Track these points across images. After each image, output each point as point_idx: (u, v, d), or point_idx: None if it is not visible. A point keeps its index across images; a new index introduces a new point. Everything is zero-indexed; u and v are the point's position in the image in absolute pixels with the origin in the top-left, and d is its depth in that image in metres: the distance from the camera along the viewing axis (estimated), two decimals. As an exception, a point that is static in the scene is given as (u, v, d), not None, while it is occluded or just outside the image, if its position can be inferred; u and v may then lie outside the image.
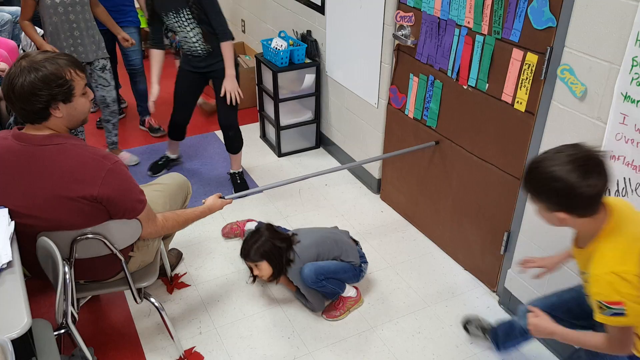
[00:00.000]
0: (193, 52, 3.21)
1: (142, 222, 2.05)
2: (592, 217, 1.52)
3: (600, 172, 1.45)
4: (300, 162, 4.01)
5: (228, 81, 3.17)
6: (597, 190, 1.46)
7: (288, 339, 2.56)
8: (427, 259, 3.07)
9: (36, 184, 1.85)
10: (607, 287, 1.46)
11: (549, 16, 2.10)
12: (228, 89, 3.18)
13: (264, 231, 2.59)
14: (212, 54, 3.19)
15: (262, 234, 2.57)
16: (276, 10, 4.31)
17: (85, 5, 3.32)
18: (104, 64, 3.51)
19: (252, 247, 2.54)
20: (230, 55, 3.14)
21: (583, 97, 2.03)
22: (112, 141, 3.87)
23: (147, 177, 3.75)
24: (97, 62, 3.48)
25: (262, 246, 2.53)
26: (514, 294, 2.63)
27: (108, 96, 3.62)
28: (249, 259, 2.58)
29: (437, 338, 2.57)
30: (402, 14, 2.89)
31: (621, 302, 1.43)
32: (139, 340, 2.54)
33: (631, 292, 1.44)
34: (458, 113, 2.74)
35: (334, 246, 2.65)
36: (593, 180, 1.43)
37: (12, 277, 1.63)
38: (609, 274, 1.46)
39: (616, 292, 1.45)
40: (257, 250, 2.53)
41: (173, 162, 3.92)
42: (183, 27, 3.08)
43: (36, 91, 1.79)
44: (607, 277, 1.46)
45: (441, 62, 2.74)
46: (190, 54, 3.25)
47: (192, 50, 3.20)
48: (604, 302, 1.47)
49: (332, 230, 2.83)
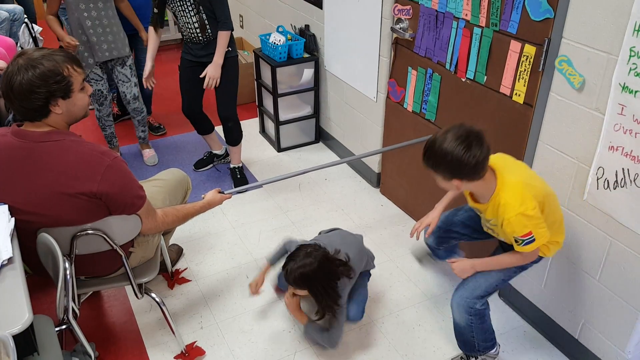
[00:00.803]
0: (193, 39, 3.20)
1: (142, 218, 2.05)
2: (482, 179, 1.88)
3: (480, 144, 1.81)
4: (299, 156, 4.02)
5: (212, 67, 3.16)
6: (479, 158, 1.81)
7: (289, 332, 2.57)
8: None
9: (36, 181, 1.86)
10: (518, 225, 1.89)
11: (547, 7, 2.10)
12: (209, 74, 3.16)
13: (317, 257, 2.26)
14: (213, 42, 3.18)
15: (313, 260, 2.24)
16: (274, 5, 4.30)
17: (108, 2, 3.34)
18: (124, 59, 3.52)
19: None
20: (223, 44, 3.13)
21: (581, 88, 2.03)
22: (139, 136, 3.93)
23: (146, 172, 3.76)
24: (117, 58, 3.49)
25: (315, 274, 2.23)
26: (514, 286, 2.63)
27: (128, 92, 3.62)
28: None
29: (438, 331, 2.58)
30: (400, 7, 2.89)
31: (530, 233, 1.89)
32: (140, 336, 2.55)
33: (534, 222, 1.89)
34: (457, 106, 2.74)
35: (363, 257, 2.49)
36: (475, 151, 1.79)
37: (13, 274, 1.63)
38: (516, 216, 1.87)
39: (524, 227, 1.89)
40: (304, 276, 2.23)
41: (219, 158, 3.88)
42: (186, 12, 3.08)
43: (34, 89, 1.79)
44: (515, 218, 1.87)
45: (439, 55, 2.74)
46: (190, 41, 3.24)
47: (192, 37, 3.19)
48: (518, 237, 1.92)
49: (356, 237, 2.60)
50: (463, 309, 2.14)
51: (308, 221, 3.32)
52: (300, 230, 3.24)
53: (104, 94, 3.59)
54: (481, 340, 2.24)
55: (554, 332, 2.47)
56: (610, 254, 2.09)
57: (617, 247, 2.05)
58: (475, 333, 2.21)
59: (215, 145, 3.82)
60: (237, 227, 3.27)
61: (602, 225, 2.10)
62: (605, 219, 2.07)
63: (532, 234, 1.89)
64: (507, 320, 2.63)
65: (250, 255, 3.05)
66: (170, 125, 4.40)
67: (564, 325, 2.40)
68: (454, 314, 2.21)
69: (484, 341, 2.25)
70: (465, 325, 2.19)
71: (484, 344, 2.26)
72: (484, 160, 1.82)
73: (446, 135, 1.82)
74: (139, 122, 3.83)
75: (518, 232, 1.91)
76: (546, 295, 2.46)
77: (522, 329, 2.59)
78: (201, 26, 3.12)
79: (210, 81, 3.17)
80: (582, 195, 2.14)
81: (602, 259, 2.13)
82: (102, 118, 3.69)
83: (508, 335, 2.55)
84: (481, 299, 2.12)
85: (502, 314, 2.66)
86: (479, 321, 2.17)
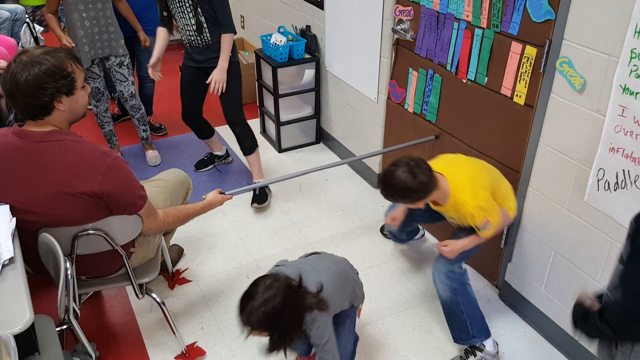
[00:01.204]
0: (191, 42, 3.18)
1: (143, 218, 2.05)
2: (437, 187, 2.14)
3: (421, 168, 2.10)
4: (300, 157, 4.02)
5: (218, 71, 3.10)
6: (426, 180, 2.10)
7: (289, 333, 2.57)
8: (428, 252, 3.08)
9: (37, 180, 1.86)
10: (477, 217, 2.17)
11: (548, 9, 2.10)
12: (215, 78, 3.10)
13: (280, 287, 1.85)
14: (211, 47, 3.15)
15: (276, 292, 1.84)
16: (275, 6, 4.31)
17: (107, 3, 3.35)
18: (121, 60, 3.53)
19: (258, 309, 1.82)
20: (227, 47, 3.10)
21: (582, 89, 2.03)
22: (141, 137, 3.93)
23: (147, 172, 3.76)
24: (115, 57, 3.51)
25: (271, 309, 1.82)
26: (514, 287, 2.63)
27: (125, 90, 3.64)
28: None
29: (438, 332, 2.58)
30: (401, 8, 2.89)
31: (487, 220, 2.18)
32: (140, 336, 2.56)
33: (489, 210, 2.18)
34: (457, 107, 2.74)
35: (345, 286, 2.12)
36: (421, 176, 2.08)
37: (14, 273, 1.64)
38: (473, 209, 2.16)
39: (482, 217, 2.17)
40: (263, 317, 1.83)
41: (220, 159, 3.87)
42: (184, 14, 3.06)
43: (42, 84, 1.79)
44: (473, 211, 2.16)
45: (440, 56, 2.74)
46: (189, 45, 3.22)
47: (191, 40, 3.17)
48: (479, 225, 2.20)
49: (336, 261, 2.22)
50: (443, 275, 2.32)
51: (308, 222, 3.32)
52: (301, 230, 3.24)
53: (101, 91, 3.62)
54: (472, 320, 2.33)
55: (555, 334, 2.47)
56: (611, 256, 2.09)
57: (617, 249, 2.05)
58: (464, 306, 2.32)
59: (215, 146, 3.81)
60: (237, 228, 3.27)
61: (602, 226, 2.10)
62: (606, 220, 2.07)
63: (488, 220, 2.19)
64: (508, 321, 2.63)
65: (251, 256, 3.05)
66: (171, 126, 4.40)
67: (565, 326, 2.40)
68: (438, 288, 2.36)
69: (476, 322, 2.34)
70: (450, 296, 2.32)
71: (477, 325, 2.34)
72: (430, 178, 2.11)
73: (393, 174, 2.10)
74: (139, 120, 3.83)
75: (477, 222, 2.19)
76: (547, 296, 2.46)
77: (522, 331, 2.59)
78: (198, 29, 3.09)
79: (216, 85, 3.11)
80: (582, 197, 2.14)
81: (602, 260, 2.13)
82: (100, 114, 3.70)
83: (508, 337, 2.55)
84: (457, 263, 2.35)
85: (502, 316, 2.66)
86: (461, 287, 2.32)
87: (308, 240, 3.17)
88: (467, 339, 2.38)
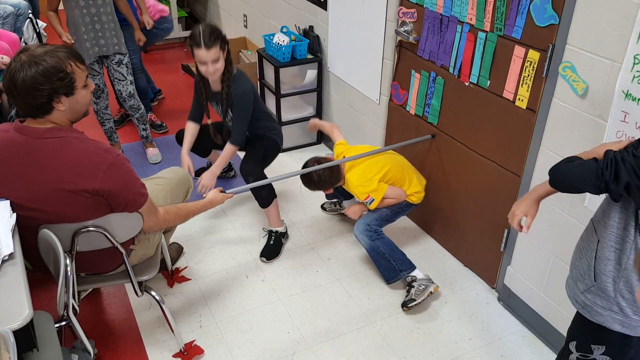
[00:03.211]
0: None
1: (144, 216, 2.05)
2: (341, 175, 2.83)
3: (334, 168, 2.77)
4: (301, 157, 4.01)
5: (208, 175, 2.95)
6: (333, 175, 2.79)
7: (288, 333, 2.57)
8: (427, 254, 3.08)
9: (38, 177, 1.86)
10: (360, 194, 2.75)
11: (551, 13, 2.10)
12: (203, 182, 2.93)
13: None
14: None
15: None
16: (278, 6, 4.31)
17: None
18: (120, 58, 3.53)
19: None
20: (227, 158, 3.00)
21: (584, 94, 2.03)
22: (141, 135, 3.93)
23: (148, 170, 3.76)
24: (114, 56, 3.50)
25: None
26: (514, 290, 2.63)
27: (124, 90, 3.63)
28: None
29: (436, 334, 2.58)
30: (405, 10, 2.89)
31: (368, 195, 2.72)
32: (139, 333, 2.56)
33: (370, 189, 2.72)
34: (459, 110, 2.74)
35: None
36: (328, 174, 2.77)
37: (13, 269, 1.64)
38: (356, 187, 2.75)
39: (364, 193, 2.73)
40: None
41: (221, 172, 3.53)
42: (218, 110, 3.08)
43: (38, 85, 1.78)
44: (357, 189, 2.76)
45: (443, 58, 2.74)
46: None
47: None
48: (363, 201, 2.77)
49: None
50: (362, 230, 2.79)
51: (309, 222, 3.32)
52: (301, 230, 3.24)
53: (101, 88, 3.61)
54: (394, 258, 2.76)
55: (553, 337, 2.47)
56: (611, 261, 2.09)
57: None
58: (383, 248, 2.76)
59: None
60: (237, 227, 3.27)
61: (602, 231, 2.09)
62: (606, 225, 2.07)
63: (370, 196, 2.72)
64: (506, 324, 2.63)
65: (250, 255, 3.05)
66: (173, 123, 4.40)
67: (563, 330, 2.40)
68: (360, 240, 2.82)
69: (398, 258, 2.76)
70: (370, 242, 2.78)
71: (400, 261, 2.76)
72: (335, 172, 2.79)
73: (311, 173, 2.76)
74: (139, 120, 3.82)
75: (361, 198, 2.76)
76: (545, 300, 2.46)
77: (521, 334, 2.59)
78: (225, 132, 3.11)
79: (203, 189, 2.91)
80: (583, 202, 2.14)
81: (602, 265, 2.13)
82: (100, 111, 3.70)
83: (506, 340, 2.55)
84: (373, 222, 2.80)
85: (500, 319, 2.67)
86: (377, 235, 2.78)
87: (307, 240, 3.17)
88: (395, 275, 2.77)
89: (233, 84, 2.89)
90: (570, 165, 1.59)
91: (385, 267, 2.77)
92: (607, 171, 1.46)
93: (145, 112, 4.02)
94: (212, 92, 3.01)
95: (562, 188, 1.64)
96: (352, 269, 2.97)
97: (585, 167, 1.53)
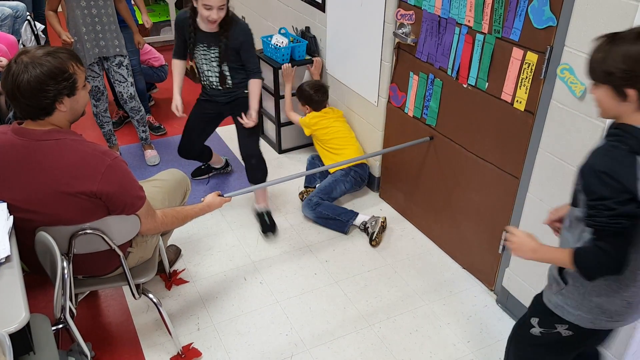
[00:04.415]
0: (211, 85, 3.13)
1: (141, 218, 2.05)
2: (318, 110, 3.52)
3: (324, 91, 3.53)
4: (300, 158, 4.01)
5: (255, 115, 3.04)
6: (322, 98, 3.53)
7: (286, 336, 2.57)
8: (425, 257, 3.08)
9: (35, 179, 1.85)
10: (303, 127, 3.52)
11: (550, 15, 2.11)
12: (254, 123, 3.05)
13: None
14: (231, 90, 3.11)
15: None
16: (277, 7, 4.31)
17: (108, 0, 3.34)
18: (120, 60, 3.52)
19: None
20: (258, 92, 3.04)
21: (583, 96, 2.03)
22: (140, 137, 3.92)
23: (146, 172, 3.75)
24: (114, 57, 3.50)
25: None
26: (512, 292, 2.63)
27: (125, 92, 3.63)
28: None
29: (435, 336, 2.58)
30: (403, 12, 2.89)
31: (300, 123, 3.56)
32: (137, 336, 2.55)
33: (307, 122, 3.48)
34: (457, 112, 2.74)
35: None
36: (321, 93, 3.51)
37: (10, 272, 1.63)
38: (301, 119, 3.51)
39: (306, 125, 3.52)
40: None
41: (218, 169, 3.78)
42: (208, 62, 3.04)
43: (43, 86, 1.78)
44: (301, 120, 3.50)
45: (441, 60, 2.74)
46: (209, 87, 3.15)
47: (212, 85, 3.12)
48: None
49: None
50: (305, 206, 3.26)
51: (307, 224, 3.32)
52: (299, 232, 3.24)
53: (101, 90, 3.61)
54: (337, 214, 3.20)
55: (551, 340, 2.47)
56: (609, 263, 2.09)
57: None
58: (326, 210, 3.20)
59: (215, 161, 3.72)
60: (235, 229, 3.27)
61: (601, 234, 2.09)
62: (605, 227, 2.07)
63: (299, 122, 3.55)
64: (505, 328, 2.62)
65: (249, 258, 3.05)
66: (171, 125, 4.40)
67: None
68: (307, 214, 3.27)
69: (341, 213, 3.21)
70: (316, 214, 3.22)
71: (343, 214, 3.21)
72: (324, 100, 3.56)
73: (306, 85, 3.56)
74: (138, 122, 3.82)
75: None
76: (544, 302, 2.46)
77: (519, 336, 2.58)
78: (221, 79, 3.07)
79: (249, 124, 3.04)
80: (581, 204, 2.14)
81: (600, 267, 2.13)
82: (100, 114, 3.69)
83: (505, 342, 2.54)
84: (313, 197, 3.25)
85: (499, 322, 2.66)
86: (317, 204, 3.21)
87: (306, 242, 3.16)
88: (345, 226, 3.20)
89: (233, 26, 2.92)
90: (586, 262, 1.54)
91: (336, 225, 3.22)
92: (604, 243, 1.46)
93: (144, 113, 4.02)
94: (202, 33, 2.98)
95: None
96: (350, 271, 2.96)
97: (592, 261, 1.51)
